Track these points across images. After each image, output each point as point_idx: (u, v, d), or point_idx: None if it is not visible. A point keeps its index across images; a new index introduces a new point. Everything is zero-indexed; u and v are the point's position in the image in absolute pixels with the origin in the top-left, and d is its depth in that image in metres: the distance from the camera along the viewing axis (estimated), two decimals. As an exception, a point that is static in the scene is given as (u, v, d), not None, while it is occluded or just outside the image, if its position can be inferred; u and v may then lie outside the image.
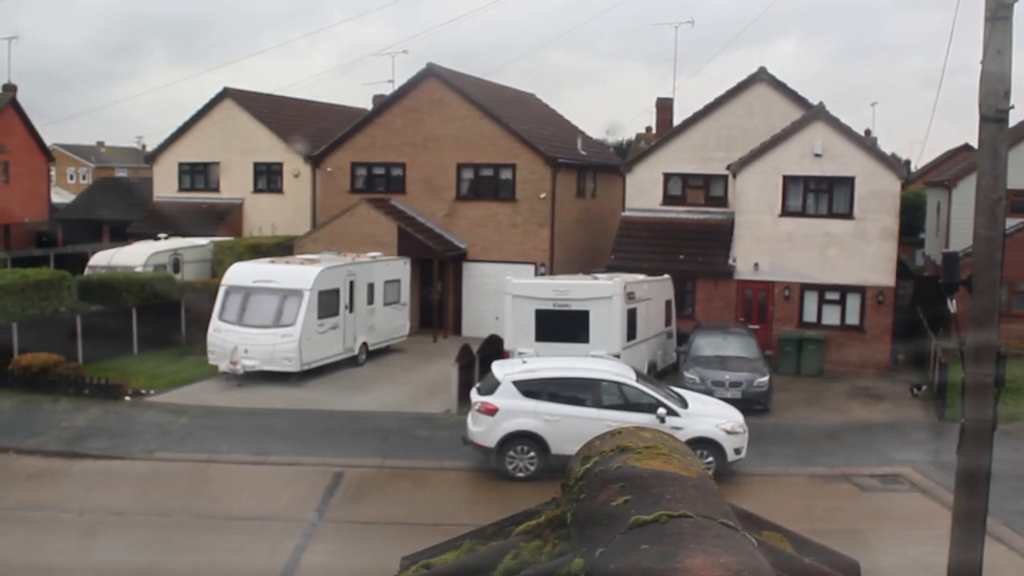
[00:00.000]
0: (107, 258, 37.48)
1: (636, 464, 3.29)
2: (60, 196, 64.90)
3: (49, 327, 29.46)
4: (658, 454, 3.41)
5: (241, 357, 28.38)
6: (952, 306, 11.74)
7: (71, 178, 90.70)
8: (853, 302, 32.66)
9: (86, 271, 36.19)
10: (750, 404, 25.16)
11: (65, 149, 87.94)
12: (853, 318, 32.70)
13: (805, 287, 32.95)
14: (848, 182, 32.23)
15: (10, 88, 52.38)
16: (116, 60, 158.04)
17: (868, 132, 41.52)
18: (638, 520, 2.71)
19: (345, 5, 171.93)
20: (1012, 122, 10.94)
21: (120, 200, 54.45)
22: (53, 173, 63.66)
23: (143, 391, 27.23)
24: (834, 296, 32.84)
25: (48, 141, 57.44)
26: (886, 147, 74.21)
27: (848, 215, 32.28)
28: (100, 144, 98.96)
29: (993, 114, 10.47)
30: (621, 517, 2.80)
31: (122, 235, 45.48)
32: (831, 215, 32.56)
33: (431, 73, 39.02)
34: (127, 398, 26.53)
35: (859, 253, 32.25)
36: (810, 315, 33.08)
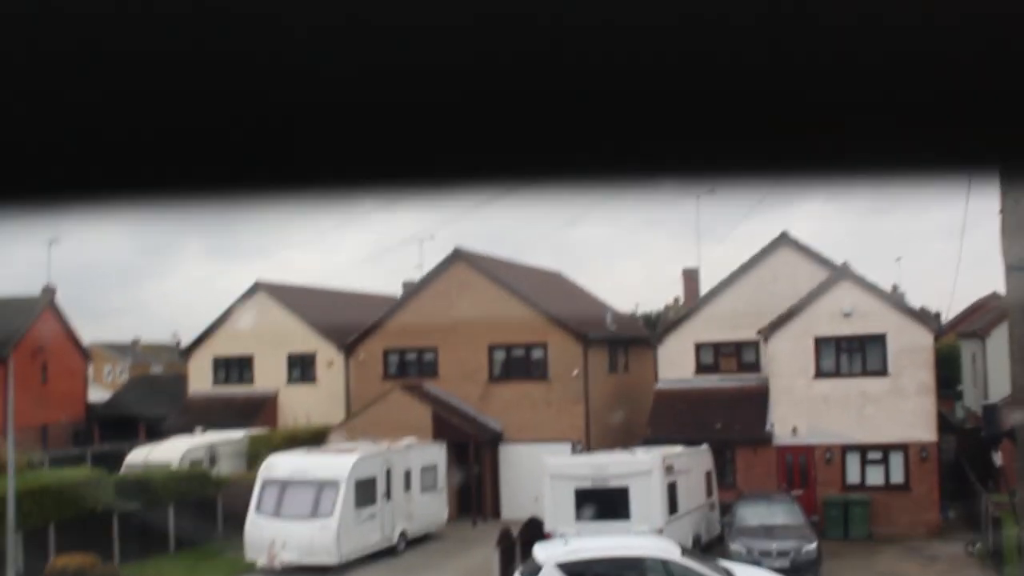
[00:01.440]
0: (143, 455, 37.45)
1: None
2: (97, 394, 65.39)
3: (85, 527, 29.25)
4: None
5: (279, 550, 28.02)
6: (998, 459, 11.53)
7: (108, 375, 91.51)
8: (896, 460, 32.11)
9: (123, 469, 36.14)
10: (800, 573, 24.52)
11: (102, 347, 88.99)
12: (898, 477, 32.10)
13: (846, 448, 32.48)
14: (880, 339, 32.11)
15: (49, 291, 53.43)
16: (152, 256, 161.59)
17: (895, 288, 41.48)
18: None
19: (376, 193, 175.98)
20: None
21: (155, 396, 54.71)
22: (90, 371, 64.29)
23: (181, 591, 26.83)
24: (876, 456, 32.32)
25: (85, 340, 58.30)
26: (915, 301, 73.96)
27: (883, 372, 32.05)
28: (136, 341, 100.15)
29: (1017, 263, 10.48)
30: None
31: (158, 431, 45.58)
32: (866, 373, 32.34)
33: (458, 257, 39.57)
34: (165, 599, 26.12)
35: (897, 410, 31.88)
36: (854, 476, 32.50)
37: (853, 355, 32.68)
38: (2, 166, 1.15)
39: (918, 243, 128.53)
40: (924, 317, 34.13)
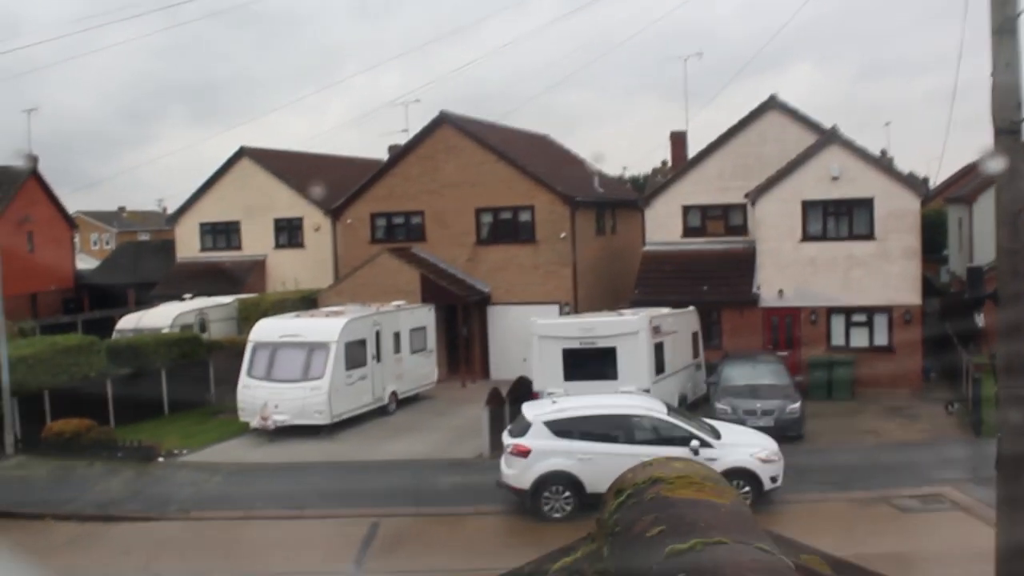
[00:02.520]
0: (134, 321, 37.66)
1: (669, 494, 3.30)
2: (85, 262, 65.37)
3: (80, 392, 29.61)
4: (690, 483, 3.42)
5: (272, 412, 28.45)
6: (980, 320, 11.69)
7: (95, 244, 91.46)
8: (880, 322, 32.51)
9: (114, 335, 36.38)
10: (784, 431, 24.97)
11: (88, 216, 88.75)
12: (882, 338, 32.53)
13: (831, 311, 32.83)
14: (867, 203, 32.19)
15: (31, 159, 52.98)
16: (134, 125, 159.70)
17: (884, 152, 41.54)
18: (674, 549, 2.72)
19: (359, 58, 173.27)
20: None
21: (144, 263, 54.82)
22: (77, 240, 64.18)
23: (176, 452, 27.30)
24: (861, 318, 32.70)
25: (70, 209, 58.06)
26: (903, 166, 73.90)
27: (869, 236, 32.20)
28: (122, 209, 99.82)
29: (1007, 126, 10.45)
30: (657, 547, 2.81)
31: (148, 297, 45.76)
32: (852, 237, 32.48)
33: (444, 120, 39.28)
34: (160, 459, 26.60)
35: (883, 273, 32.13)
36: (838, 338, 32.93)
37: (840, 218, 32.77)
38: None
39: (908, 108, 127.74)
40: (912, 181, 34.18)
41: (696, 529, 2.89)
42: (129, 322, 37.75)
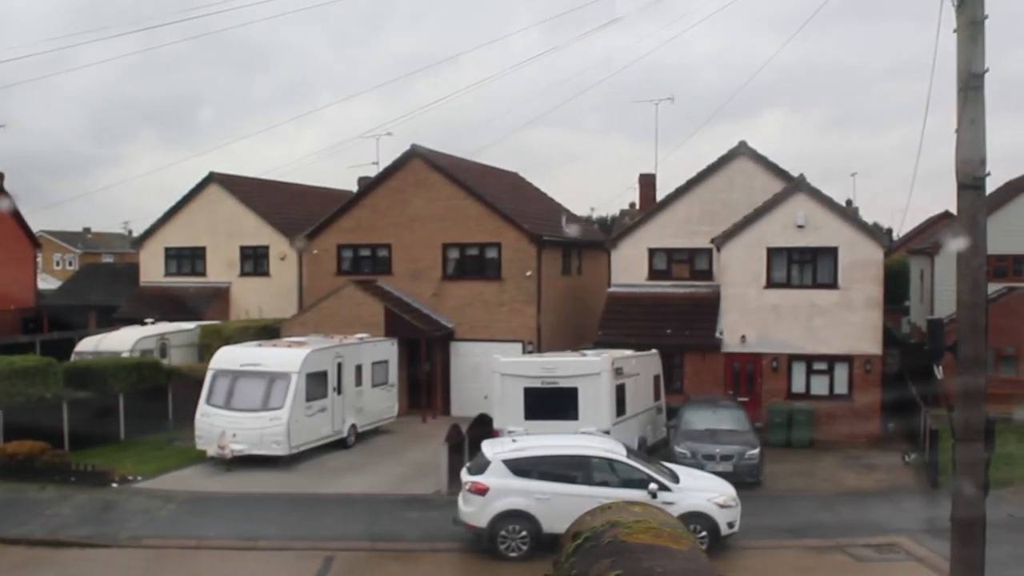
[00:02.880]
0: (94, 344, 37.34)
1: (626, 539, 3.29)
2: (47, 282, 64.90)
3: (35, 414, 29.23)
4: (648, 528, 3.42)
5: (229, 441, 28.21)
6: (939, 372, 11.79)
7: (58, 264, 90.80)
8: (841, 372, 32.69)
9: (72, 357, 36.03)
10: (742, 477, 25.03)
11: (52, 235, 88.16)
12: (842, 388, 32.70)
13: (793, 358, 33.00)
14: (831, 252, 32.45)
15: (-4, 176, 52.60)
16: (104, 145, 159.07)
17: (850, 202, 41.86)
18: (630, 594, 2.71)
19: (334, 88, 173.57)
20: (991, 188, 11.07)
21: (107, 285, 54.43)
22: (40, 259, 63.68)
23: (130, 477, 26.98)
24: (822, 366, 32.88)
25: (35, 227, 57.64)
26: (869, 216, 74.88)
27: (833, 285, 32.44)
28: (87, 230, 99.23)
29: (970, 182, 10.61)
30: (613, 592, 2.79)
31: (109, 320, 45.39)
32: (816, 285, 32.71)
33: (415, 154, 39.34)
34: (114, 485, 26.27)
35: (845, 322, 32.36)
36: (799, 386, 33.07)
37: (804, 266, 33.02)
38: None
39: (877, 159, 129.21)
40: (876, 232, 34.47)
41: (653, 574, 2.88)
42: (88, 345, 37.42)
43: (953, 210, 11.29)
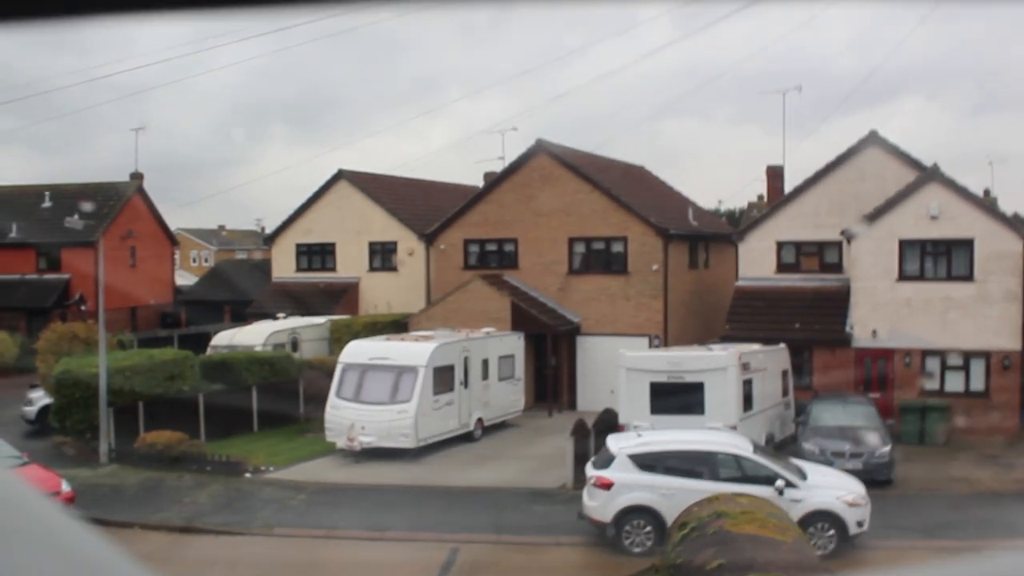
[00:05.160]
0: (228, 338, 38.30)
1: (731, 529, 3.27)
2: (184, 279, 66.87)
3: (173, 406, 30.23)
4: (753, 519, 3.39)
5: (358, 434, 28.69)
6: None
7: (194, 261, 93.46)
8: (977, 367, 31.73)
9: (208, 351, 37.04)
10: (872, 475, 24.47)
11: (188, 233, 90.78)
12: (978, 384, 31.74)
13: (926, 353, 32.12)
14: (967, 244, 31.51)
15: (137, 176, 54.53)
16: (237, 145, 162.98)
17: (987, 192, 40.65)
18: (730, 584, 2.70)
19: (462, 83, 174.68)
20: None
21: (240, 281, 55.83)
22: (177, 257, 65.73)
23: (262, 468, 27.67)
24: (957, 362, 31.95)
25: (173, 226, 59.55)
26: (1011, 206, 72.27)
27: (968, 278, 31.51)
28: (221, 227, 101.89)
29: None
30: (714, 582, 2.78)
31: (242, 315, 46.55)
32: (951, 278, 31.80)
33: (540, 149, 39.44)
34: (247, 475, 26.99)
35: (982, 316, 31.39)
36: (933, 382, 32.19)
37: (938, 259, 32.14)
38: None
39: (1013, 148, 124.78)
40: (1015, 223, 33.37)
41: (754, 565, 2.86)
42: (223, 339, 38.40)
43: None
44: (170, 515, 23.13)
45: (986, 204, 33.50)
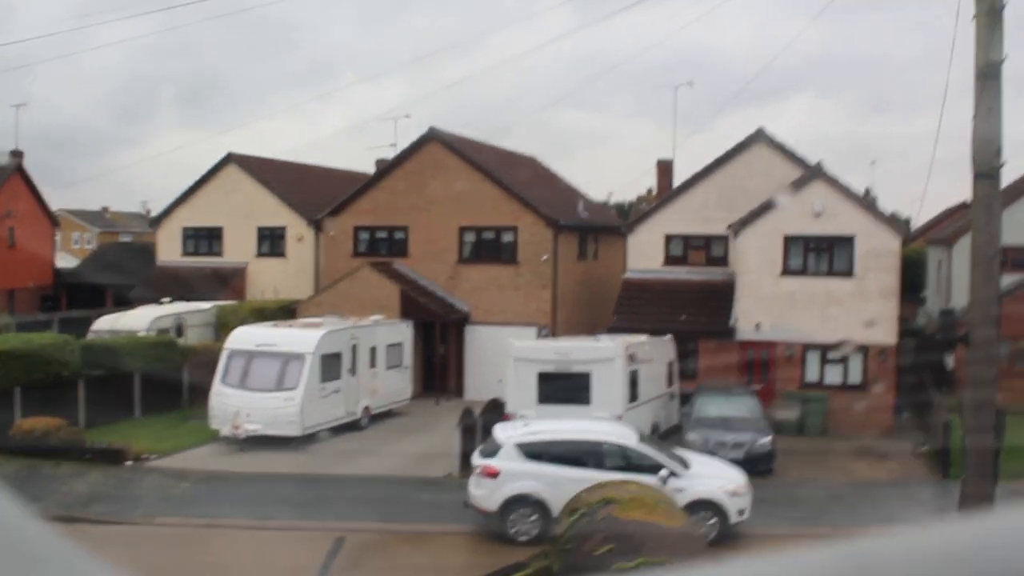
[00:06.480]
0: (111, 322, 37.49)
1: (620, 515, 3.32)
2: (65, 261, 65.11)
3: (51, 392, 29.43)
4: (642, 505, 3.44)
5: (243, 421, 28.33)
6: (950, 362, 11.77)
7: (76, 243, 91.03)
8: (855, 361, 32.58)
9: (89, 335, 36.18)
10: (753, 465, 24.94)
11: (70, 214, 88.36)
12: (856, 377, 32.60)
13: (807, 347, 32.90)
14: (848, 241, 32.32)
15: (17, 154, 52.85)
16: (123, 125, 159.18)
17: (868, 191, 41.80)
18: (620, 567, 2.73)
19: (358, 67, 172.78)
20: (1009, 178, 11.02)
21: (124, 265, 54.61)
22: (58, 238, 63.95)
23: (144, 456, 27.15)
24: (836, 355, 32.77)
25: (54, 206, 57.90)
26: (890, 205, 74.40)
27: (849, 274, 32.33)
28: (105, 209, 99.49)
29: (986, 171, 10.56)
30: (604, 565, 2.82)
31: (126, 299, 45.56)
32: (832, 274, 32.60)
33: (433, 137, 39.36)
34: (128, 463, 26.46)
35: (860, 312, 32.23)
36: (813, 375, 32.97)
37: (821, 255, 32.90)
38: None
39: (900, 148, 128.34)
40: (893, 222, 34.35)
41: (643, 549, 2.91)
42: (105, 323, 37.57)
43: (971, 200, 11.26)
44: (47, 505, 22.51)
45: (866, 202, 34.40)
